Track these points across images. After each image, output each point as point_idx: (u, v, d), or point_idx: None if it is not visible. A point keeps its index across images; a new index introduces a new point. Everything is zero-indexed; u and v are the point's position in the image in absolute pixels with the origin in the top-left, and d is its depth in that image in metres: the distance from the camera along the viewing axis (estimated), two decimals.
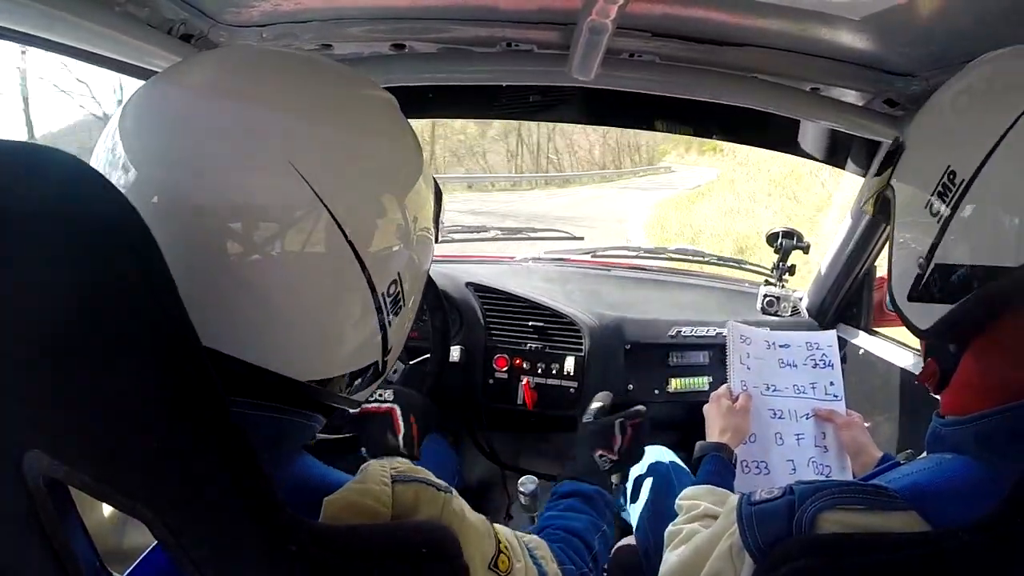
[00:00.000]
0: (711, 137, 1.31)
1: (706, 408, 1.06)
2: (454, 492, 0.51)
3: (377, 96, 0.53)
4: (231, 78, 0.46)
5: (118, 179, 0.42)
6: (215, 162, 0.42)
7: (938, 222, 0.51)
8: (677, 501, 0.82)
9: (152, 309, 0.29)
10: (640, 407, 0.97)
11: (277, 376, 0.44)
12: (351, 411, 0.58)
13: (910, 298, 0.55)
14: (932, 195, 0.51)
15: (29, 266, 0.28)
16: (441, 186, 0.60)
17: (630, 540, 1.14)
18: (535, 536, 0.67)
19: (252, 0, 0.87)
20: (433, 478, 0.51)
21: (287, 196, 0.42)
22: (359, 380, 0.51)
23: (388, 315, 0.49)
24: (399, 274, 0.50)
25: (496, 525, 0.59)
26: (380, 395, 0.96)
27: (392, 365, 0.55)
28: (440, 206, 0.59)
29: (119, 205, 0.30)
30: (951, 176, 0.49)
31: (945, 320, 0.51)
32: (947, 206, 0.50)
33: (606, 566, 1.15)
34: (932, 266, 0.51)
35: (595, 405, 0.99)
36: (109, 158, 0.43)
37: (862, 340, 1.42)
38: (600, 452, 0.91)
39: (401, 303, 0.51)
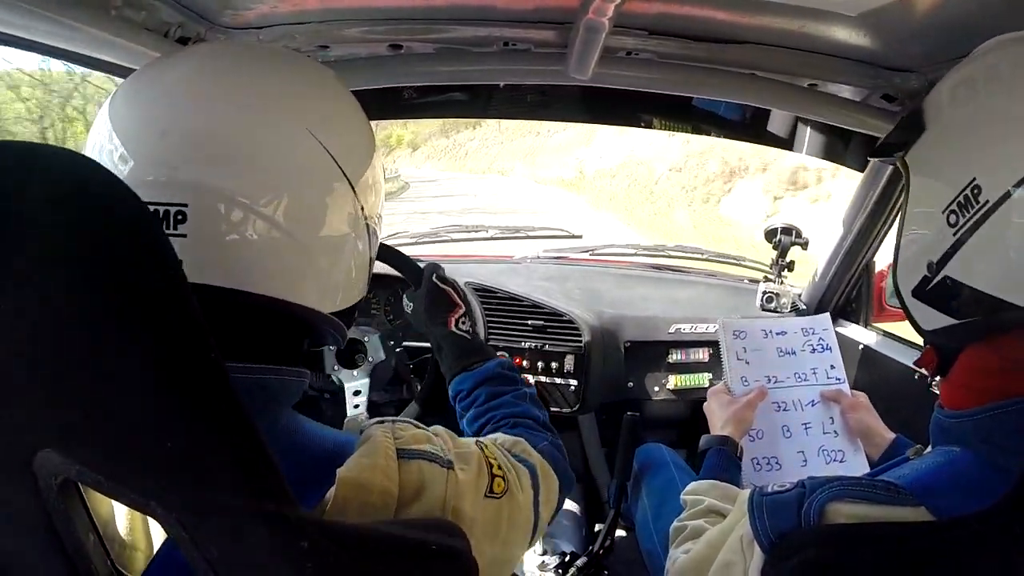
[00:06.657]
0: (710, 135, 1.31)
1: (705, 406, 1.04)
2: (454, 464, 0.52)
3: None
4: (214, 66, 0.51)
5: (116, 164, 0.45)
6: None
7: (954, 234, 0.49)
8: (682, 496, 0.82)
9: (165, 306, 0.29)
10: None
11: (303, 310, 0.48)
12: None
13: (914, 294, 0.54)
14: (952, 203, 0.49)
15: (37, 264, 0.28)
16: None
17: (630, 535, 1.14)
18: (509, 436, 0.66)
19: (249, 2, 0.87)
20: (432, 448, 0.52)
21: (299, 152, 0.48)
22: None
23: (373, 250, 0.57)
24: (375, 214, 0.57)
25: (488, 444, 0.59)
26: None
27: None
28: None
29: (127, 199, 0.30)
30: (975, 191, 0.47)
31: (947, 330, 0.51)
32: (966, 222, 0.48)
33: (605, 554, 1.15)
34: (942, 275, 0.50)
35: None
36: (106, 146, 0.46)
37: (861, 335, 1.42)
38: (450, 319, 0.83)
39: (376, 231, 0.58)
